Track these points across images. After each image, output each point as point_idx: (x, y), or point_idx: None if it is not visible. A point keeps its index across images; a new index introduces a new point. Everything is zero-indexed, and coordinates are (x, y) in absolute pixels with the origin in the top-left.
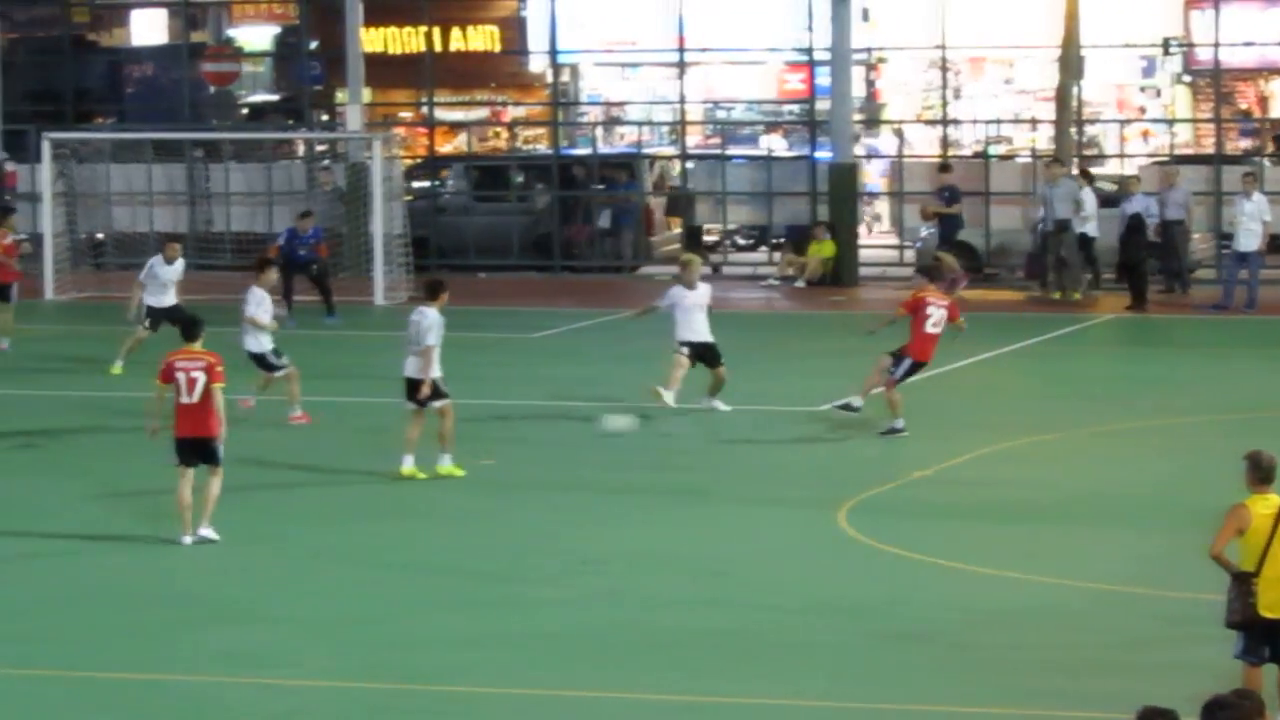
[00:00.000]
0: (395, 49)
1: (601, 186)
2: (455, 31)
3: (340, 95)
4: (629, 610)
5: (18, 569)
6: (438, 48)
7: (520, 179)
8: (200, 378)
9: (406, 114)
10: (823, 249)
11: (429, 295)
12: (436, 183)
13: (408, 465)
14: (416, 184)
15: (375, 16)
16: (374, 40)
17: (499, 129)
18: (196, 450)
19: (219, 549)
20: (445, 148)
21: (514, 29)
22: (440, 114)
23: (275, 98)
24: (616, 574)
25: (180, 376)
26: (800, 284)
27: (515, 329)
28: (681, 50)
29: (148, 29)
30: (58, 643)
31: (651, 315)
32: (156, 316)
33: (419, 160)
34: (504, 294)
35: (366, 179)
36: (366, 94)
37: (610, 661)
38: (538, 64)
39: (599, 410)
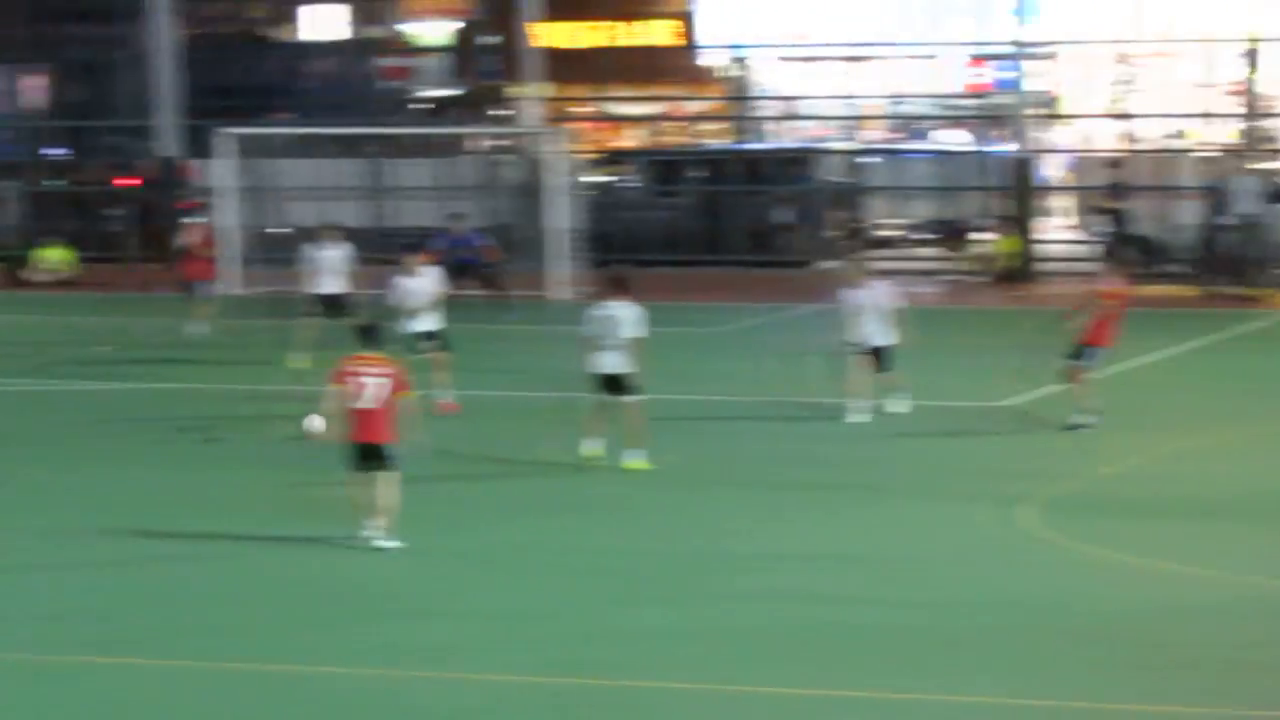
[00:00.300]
0: (572, 44)
1: (779, 182)
2: (632, 26)
3: (517, 90)
4: (817, 607)
5: (205, 562)
6: (614, 42)
7: (697, 173)
8: (371, 384)
9: (583, 108)
10: (1003, 243)
11: (617, 290)
12: (613, 177)
13: (591, 447)
14: (592, 178)
15: (552, 11)
16: (551, 35)
17: (674, 123)
18: (369, 455)
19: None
20: (621, 142)
21: (692, 23)
22: (616, 108)
23: (452, 93)
24: (803, 570)
25: (355, 381)
26: (981, 278)
27: (692, 324)
28: (857, 45)
29: (324, 24)
30: (244, 636)
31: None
32: (322, 303)
33: (595, 155)
34: (679, 289)
35: (542, 173)
36: (543, 89)
37: (800, 658)
38: (714, 58)
39: (781, 406)
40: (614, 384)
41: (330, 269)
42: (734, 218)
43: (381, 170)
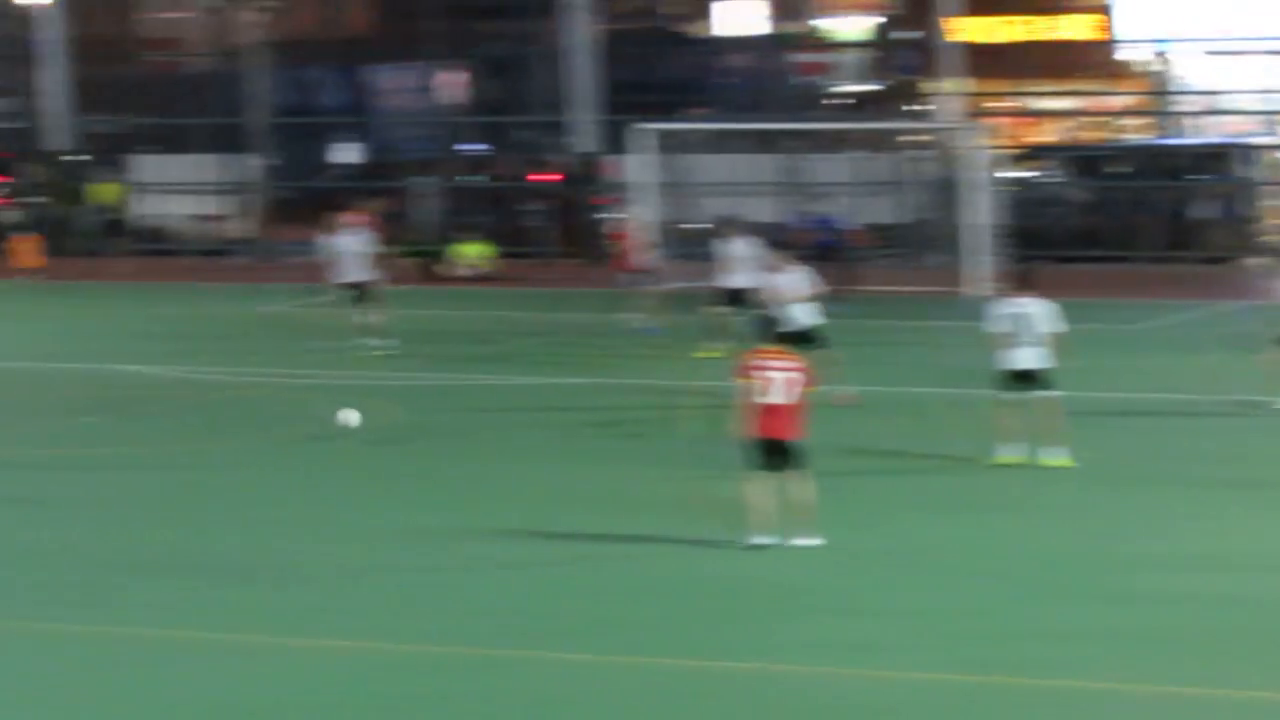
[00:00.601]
0: (990, 38)
1: (1200, 177)
2: (1051, 20)
3: (934, 85)
4: (1243, 611)
5: (614, 559)
6: (1033, 37)
7: (1116, 168)
8: (779, 378)
9: (1000, 103)
10: None
11: (1026, 285)
12: (1030, 173)
13: (1007, 454)
14: (1009, 174)
15: (970, 5)
16: (969, 29)
17: (1093, 118)
18: (776, 451)
19: (823, 540)
20: (1039, 137)
21: (1111, 17)
22: (1034, 103)
23: (868, 88)
24: (1228, 572)
25: (762, 375)
26: None
27: (1112, 320)
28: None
29: (739, 19)
30: (667, 631)
31: None
32: (729, 297)
33: (1012, 150)
34: (1099, 285)
35: (959, 169)
36: (961, 84)
37: (1223, 660)
38: (1134, 53)
39: (1206, 402)
40: (1029, 379)
41: (737, 263)
42: (1154, 213)
43: (797, 166)
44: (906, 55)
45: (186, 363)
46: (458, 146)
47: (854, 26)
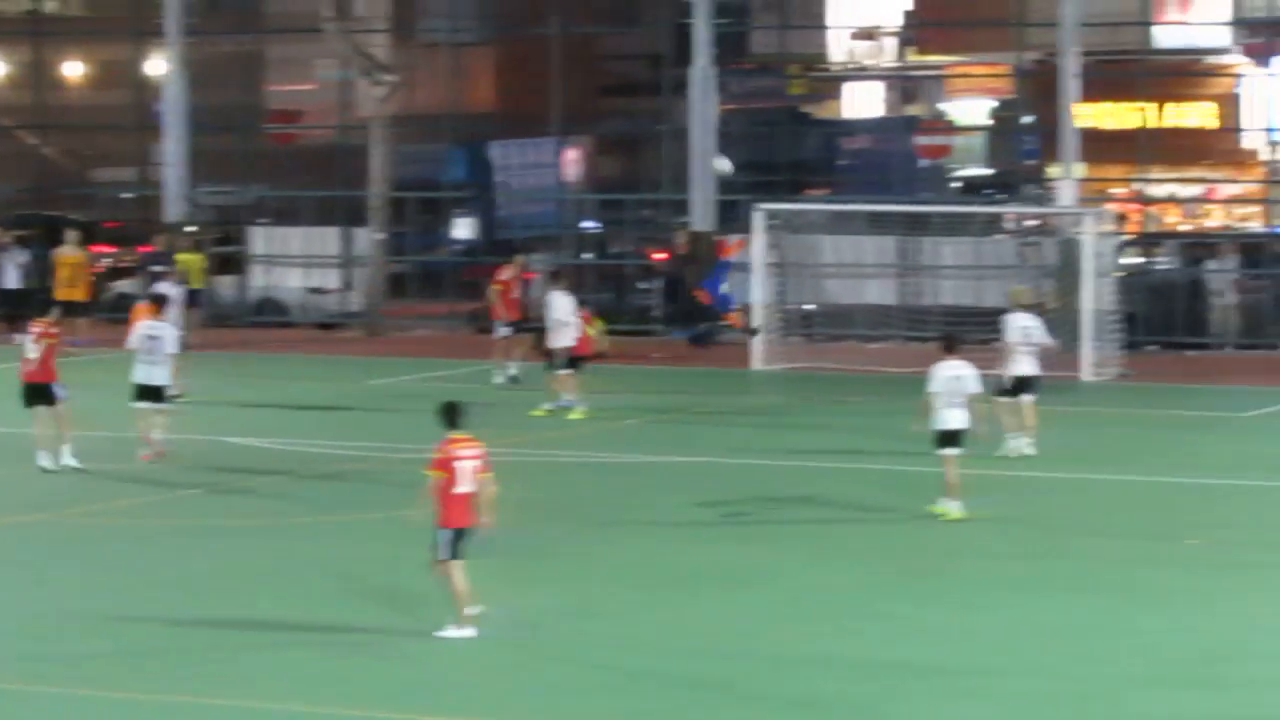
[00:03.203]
0: (1111, 124)
1: None
2: (1171, 108)
3: (1054, 170)
4: None
5: (725, 634)
6: (1153, 124)
7: (1235, 255)
8: (466, 466)
9: (1120, 189)
10: None
11: (953, 349)
12: (1150, 259)
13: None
14: (1129, 259)
15: (1091, 91)
16: (1090, 115)
17: (1211, 206)
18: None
19: (928, 619)
20: (1159, 224)
21: (1231, 105)
22: (1154, 189)
23: (988, 171)
24: None
25: (456, 464)
26: None
27: (1227, 407)
28: None
29: (862, 102)
30: (761, 709)
31: None
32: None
33: (1132, 236)
34: (1216, 372)
35: (1078, 254)
36: (1080, 169)
37: None
38: (1253, 141)
39: None
40: (956, 438)
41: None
42: (1274, 301)
43: (917, 248)
44: (1027, 139)
45: (294, 435)
46: (577, 223)
47: (976, 110)
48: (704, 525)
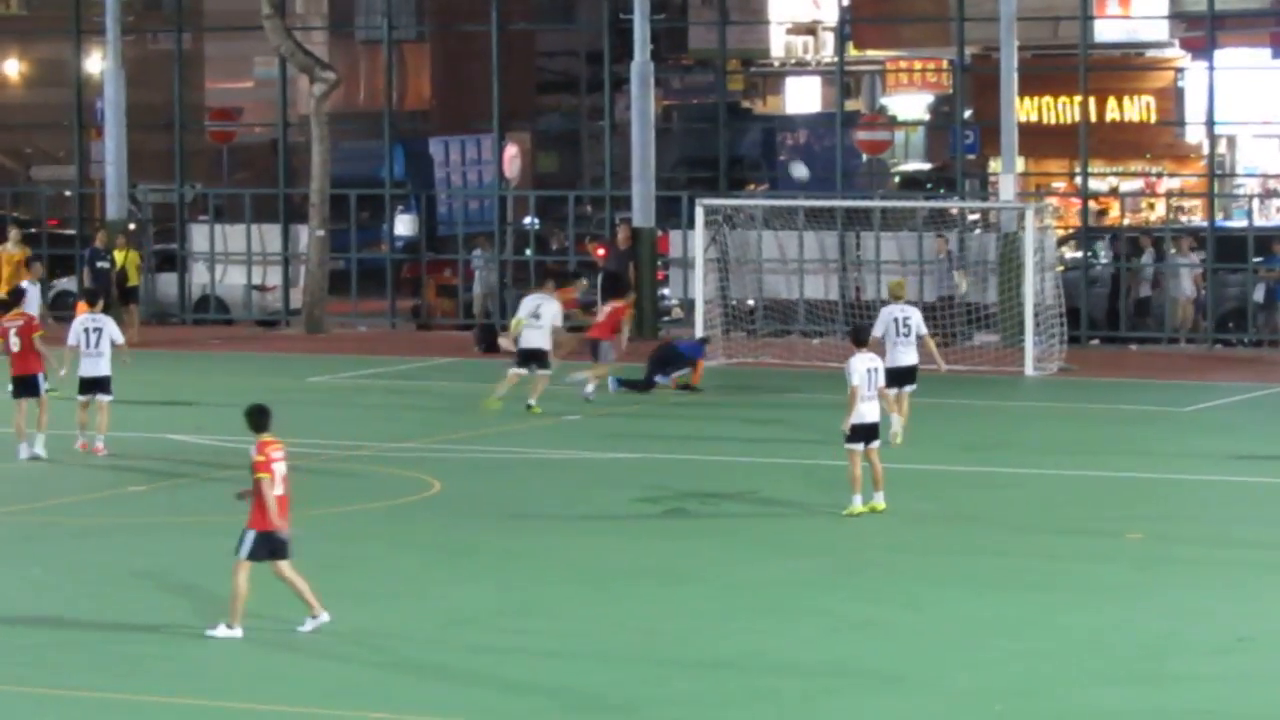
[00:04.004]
0: (1050, 119)
1: (1258, 259)
2: (1111, 102)
3: (993, 165)
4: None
5: (667, 630)
6: (1092, 118)
7: (1174, 250)
8: (281, 469)
9: (1059, 184)
10: None
11: (863, 343)
12: (1088, 253)
13: (857, 504)
14: (1067, 254)
15: (1031, 86)
16: (1028, 110)
17: (1152, 200)
18: (277, 543)
19: (869, 615)
20: (1097, 218)
21: (1170, 100)
22: (1093, 184)
23: (928, 166)
24: (1269, 653)
25: (273, 467)
26: None
27: (1168, 403)
28: None
29: (801, 97)
30: (700, 707)
31: None
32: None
33: (1069, 231)
34: (1159, 367)
35: (1018, 249)
36: (1020, 164)
37: None
38: (1194, 135)
39: (1254, 486)
40: (873, 431)
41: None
42: (1214, 296)
43: (857, 243)
44: (967, 134)
45: (235, 432)
46: (516, 219)
47: (913, 105)
48: (643, 520)
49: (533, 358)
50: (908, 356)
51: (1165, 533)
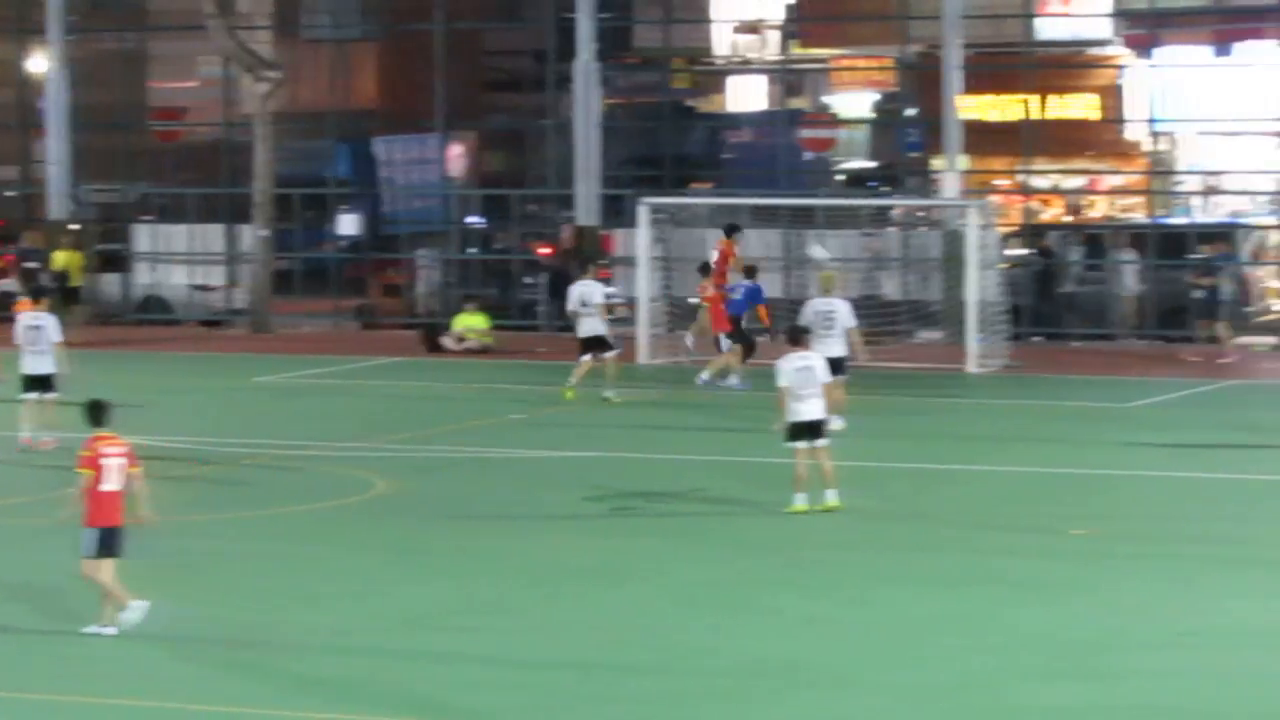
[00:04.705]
0: (994, 116)
1: (1199, 256)
2: (1054, 99)
3: (937, 162)
4: (1223, 686)
5: (615, 628)
6: (1036, 115)
7: (1118, 247)
8: (112, 464)
9: (1003, 181)
10: None
11: (801, 341)
12: (1033, 250)
13: (800, 502)
14: (1012, 251)
15: (974, 84)
16: (973, 107)
17: (1095, 197)
18: (112, 539)
19: (814, 613)
20: (1042, 216)
21: (1113, 97)
22: (1037, 181)
23: (872, 164)
24: (1211, 648)
25: (100, 461)
26: None
27: (1111, 398)
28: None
29: (746, 95)
30: (648, 704)
31: None
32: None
33: (1015, 228)
34: (1101, 363)
35: (962, 246)
36: (964, 161)
37: None
38: (1136, 132)
39: (1197, 481)
40: (814, 429)
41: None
42: (1157, 292)
43: (802, 241)
44: (911, 132)
45: (180, 432)
46: (462, 219)
47: (858, 103)
48: (591, 520)
49: (594, 344)
50: (831, 349)
51: (1109, 529)
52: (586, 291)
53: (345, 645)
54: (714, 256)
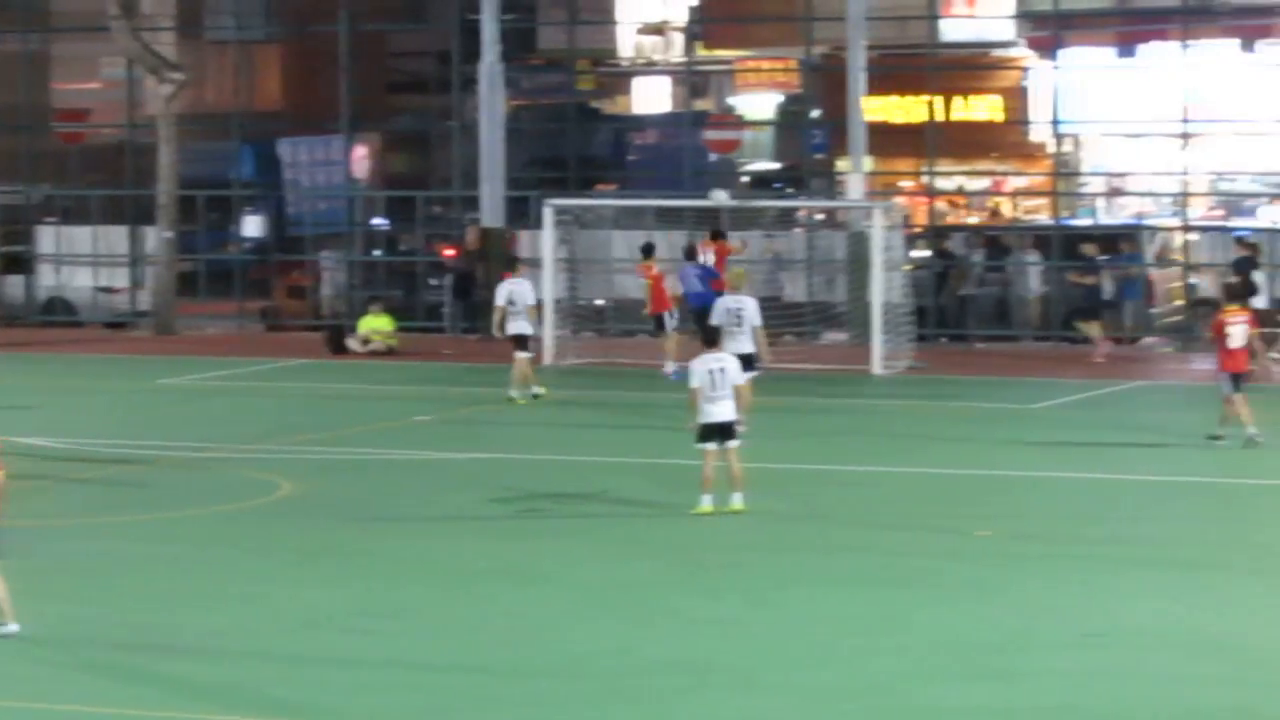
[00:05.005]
0: (898, 118)
1: (1104, 257)
2: (958, 101)
3: (842, 164)
4: (1129, 686)
5: (521, 630)
6: (940, 117)
7: (1023, 248)
8: None
9: (908, 183)
10: None
11: (714, 343)
12: (938, 252)
13: (706, 504)
14: (917, 253)
15: (879, 86)
16: (877, 109)
17: (999, 199)
18: None
19: (720, 614)
20: (946, 217)
21: (1017, 99)
22: (942, 183)
23: (776, 166)
24: (1120, 648)
25: None
26: None
27: (1016, 399)
28: (1186, 121)
29: (651, 97)
30: (552, 706)
31: None
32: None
33: (920, 230)
34: (1005, 364)
35: (867, 248)
36: (868, 163)
37: None
38: (1040, 134)
39: (1104, 482)
40: (725, 431)
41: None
42: (1061, 294)
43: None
44: (816, 134)
45: (81, 435)
46: (367, 220)
47: (763, 105)
48: (496, 521)
49: (521, 343)
50: (741, 346)
51: (1014, 529)
52: (516, 290)
53: (243, 648)
54: (709, 259)
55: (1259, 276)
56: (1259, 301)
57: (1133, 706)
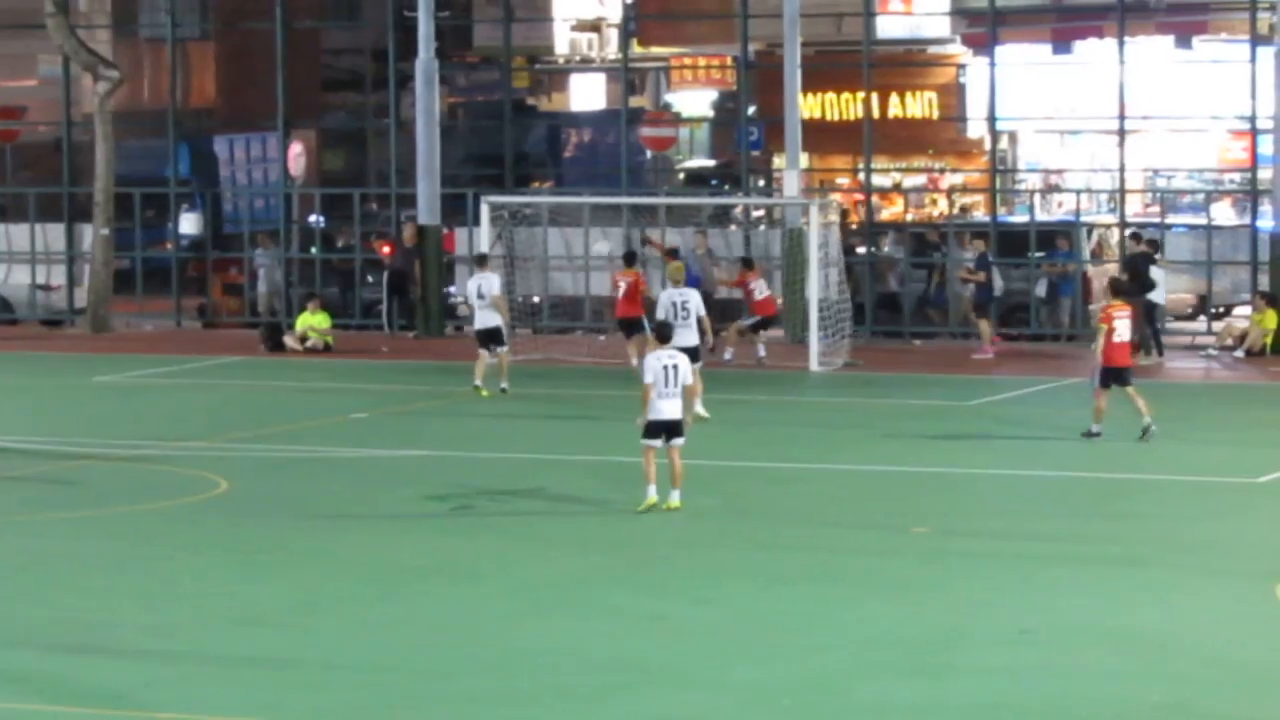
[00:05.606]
0: (833, 115)
1: (1040, 254)
2: (894, 98)
3: (778, 161)
4: (1064, 682)
5: (458, 627)
6: (876, 114)
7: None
8: None
9: (844, 180)
10: (1264, 320)
11: (666, 338)
12: (873, 248)
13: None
14: (853, 249)
15: (814, 83)
16: (813, 106)
17: (936, 195)
18: None
19: (657, 611)
20: (884, 214)
21: (953, 96)
22: (878, 180)
23: (712, 163)
24: (1052, 645)
25: None
26: (1239, 354)
27: (952, 396)
28: (1122, 118)
29: (586, 94)
30: (489, 704)
31: None
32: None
33: (855, 226)
34: (941, 361)
35: (804, 245)
36: (804, 159)
37: None
38: (976, 131)
39: (1039, 479)
40: (672, 428)
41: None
42: (990, 289)
43: (641, 239)
44: (752, 131)
45: (14, 432)
46: (303, 217)
47: (698, 102)
48: (432, 519)
49: (489, 338)
50: (687, 338)
51: (951, 526)
52: (484, 284)
53: (179, 646)
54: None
55: (1157, 273)
56: (1157, 296)
57: (1068, 703)
